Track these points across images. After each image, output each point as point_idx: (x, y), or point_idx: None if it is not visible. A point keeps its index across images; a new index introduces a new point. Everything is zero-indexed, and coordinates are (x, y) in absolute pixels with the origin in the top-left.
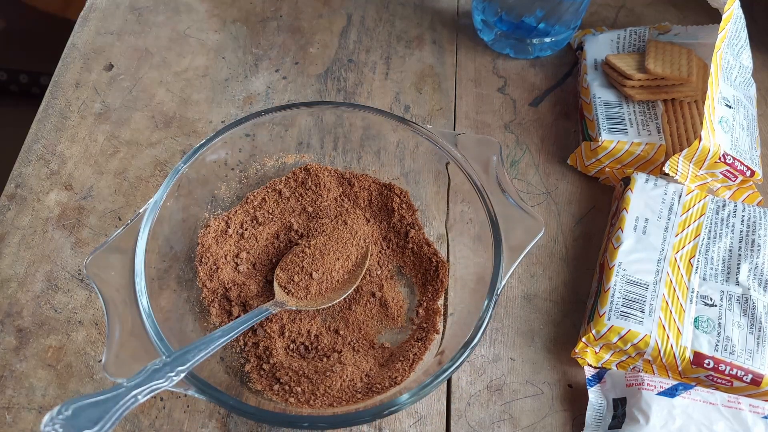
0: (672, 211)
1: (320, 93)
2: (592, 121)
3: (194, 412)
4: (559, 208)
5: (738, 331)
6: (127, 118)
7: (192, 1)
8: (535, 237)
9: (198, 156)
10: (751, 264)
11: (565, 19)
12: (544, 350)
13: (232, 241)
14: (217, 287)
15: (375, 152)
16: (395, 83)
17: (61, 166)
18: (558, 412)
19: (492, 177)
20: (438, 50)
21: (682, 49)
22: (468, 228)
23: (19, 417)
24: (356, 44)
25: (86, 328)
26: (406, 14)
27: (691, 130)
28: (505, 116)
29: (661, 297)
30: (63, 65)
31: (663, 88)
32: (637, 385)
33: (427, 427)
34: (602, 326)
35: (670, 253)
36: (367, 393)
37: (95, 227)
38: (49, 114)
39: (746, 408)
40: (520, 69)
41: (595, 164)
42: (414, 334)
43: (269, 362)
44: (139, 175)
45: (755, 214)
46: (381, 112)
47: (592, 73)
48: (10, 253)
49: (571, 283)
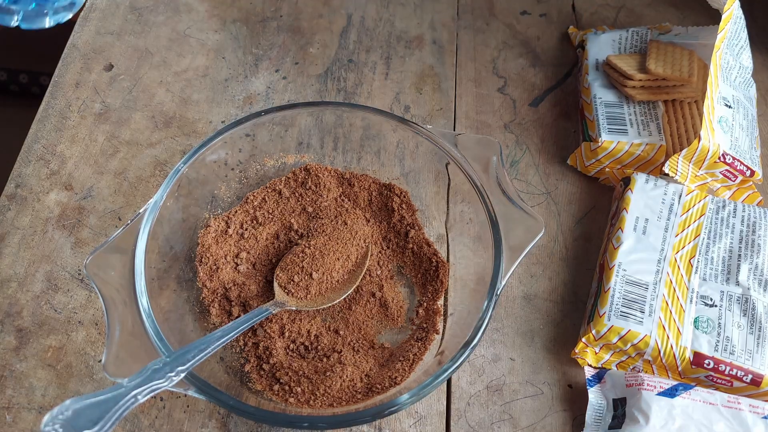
0: (672, 212)
1: (320, 93)
2: (593, 121)
3: (194, 412)
4: (559, 208)
5: (738, 332)
6: (127, 118)
7: (192, 1)
8: (535, 237)
9: (198, 156)
10: (751, 264)
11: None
12: (544, 350)
13: (232, 241)
14: (217, 287)
15: (375, 152)
16: (395, 83)
17: (61, 166)
18: (558, 412)
19: (492, 177)
20: (438, 50)
21: (683, 50)
22: (468, 228)
23: (19, 417)
24: (356, 44)
25: (86, 328)
26: (406, 14)
27: (692, 131)
28: (505, 116)
29: (661, 297)
30: (63, 65)
31: (664, 89)
32: (637, 385)
33: (427, 427)
34: (602, 326)
35: (670, 254)
36: (367, 393)
37: (95, 227)
38: (49, 114)
39: (746, 408)
40: (520, 69)
41: (595, 164)
42: (414, 334)
43: (269, 362)
44: (139, 175)
45: (755, 214)
46: (381, 112)
47: (594, 73)
48: (10, 253)
49: (571, 283)
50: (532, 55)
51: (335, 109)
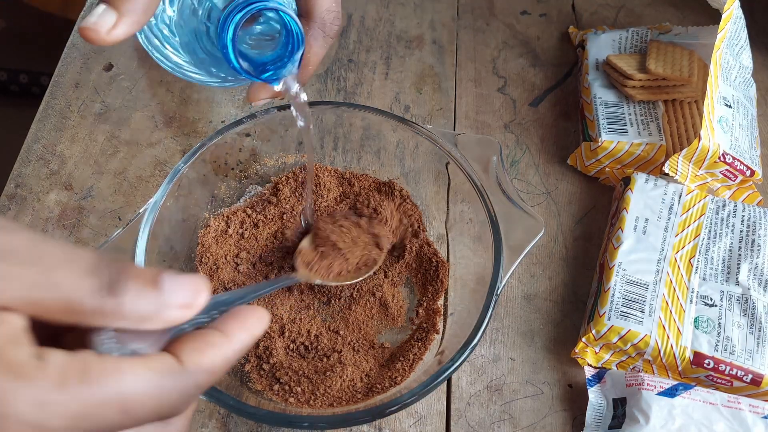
0: (672, 211)
1: (320, 93)
2: (593, 121)
3: (194, 412)
4: (559, 208)
5: (738, 331)
6: (127, 118)
7: None
8: (535, 237)
9: (198, 156)
10: (751, 264)
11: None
12: (544, 350)
13: (232, 241)
14: (217, 287)
15: (375, 152)
16: (395, 83)
17: (61, 166)
18: (558, 412)
19: (492, 177)
20: (438, 50)
21: (683, 50)
22: (468, 228)
23: None
24: (356, 44)
25: None
26: (406, 14)
27: (692, 131)
28: (505, 116)
29: (661, 297)
30: (63, 65)
31: (664, 89)
32: (637, 385)
33: (427, 427)
34: (602, 326)
35: (670, 253)
36: (367, 393)
37: (95, 227)
38: (49, 114)
39: (746, 408)
40: (520, 69)
41: (595, 164)
42: (414, 334)
43: (269, 362)
44: (139, 175)
45: (755, 214)
46: (381, 112)
47: (594, 73)
48: None
49: (571, 283)
50: (532, 55)
51: (335, 109)
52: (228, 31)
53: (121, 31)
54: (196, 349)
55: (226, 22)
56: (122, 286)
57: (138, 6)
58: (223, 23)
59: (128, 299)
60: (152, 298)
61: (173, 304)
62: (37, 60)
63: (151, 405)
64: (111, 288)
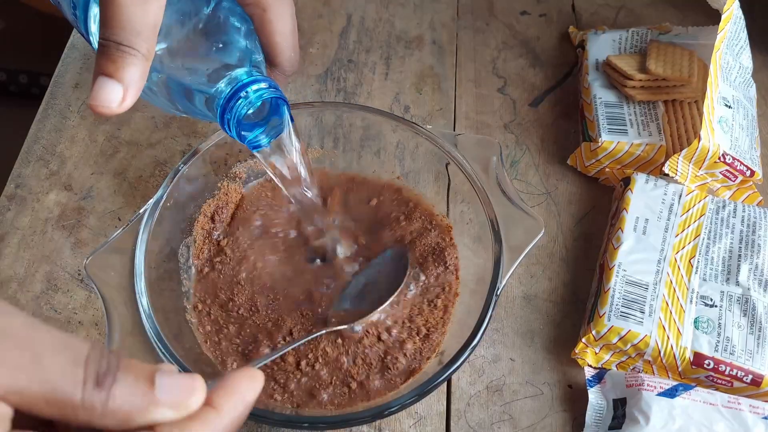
0: (672, 212)
1: (320, 93)
2: (593, 121)
3: None
4: (559, 209)
5: (738, 332)
6: (127, 118)
7: None
8: (535, 237)
9: (198, 156)
10: (751, 264)
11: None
12: (544, 351)
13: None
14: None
15: (375, 152)
16: (395, 83)
17: (61, 166)
18: (558, 412)
19: (492, 177)
20: (438, 50)
21: (684, 50)
22: (468, 228)
23: None
24: (356, 44)
25: (86, 329)
26: (406, 14)
27: (692, 131)
28: (505, 116)
29: (661, 297)
30: (63, 65)
31: (664, 89)
32: (637, 385)
33: (427, 427)
34: (602, 327)
35: (670, 254)
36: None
37: (95, 227)
38: (49, 114)
39: (746, 408)
40: (520, 69)
41: (595, 165)
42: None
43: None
44: (139, 175)
45: (755, 215)
46: (381, 112)
47: (594, 74)
48: (10, 254)
49: (571, 283)
50: (532, 55)
51: (335, 109)
52: (232, 129)
53: (129, 102)
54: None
55: (232, 110)
56: (115, 378)
57: (138, 74)
58: (228, 109)
59: (118, 392)
60: (142, 393)
61: (164, 402)
62: (36, 60)
63: None
64: (100, 381)
